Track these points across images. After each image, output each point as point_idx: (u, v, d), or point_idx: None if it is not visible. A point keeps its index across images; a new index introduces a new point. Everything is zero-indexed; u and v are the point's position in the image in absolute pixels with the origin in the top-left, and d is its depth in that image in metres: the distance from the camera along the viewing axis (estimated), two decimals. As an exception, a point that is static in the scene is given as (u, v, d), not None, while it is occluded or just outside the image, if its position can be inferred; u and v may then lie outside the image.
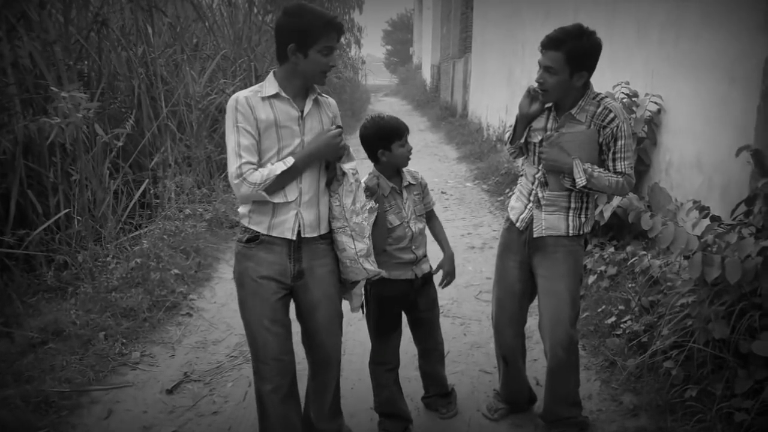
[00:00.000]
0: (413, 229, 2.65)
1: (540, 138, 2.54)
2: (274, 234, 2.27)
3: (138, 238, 4.92)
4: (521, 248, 2.67)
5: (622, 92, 4.56)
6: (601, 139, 2.45)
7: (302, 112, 2.27)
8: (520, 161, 2.77)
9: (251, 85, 2.98)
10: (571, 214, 2.55)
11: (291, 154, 2.23)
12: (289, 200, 2.25)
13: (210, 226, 5.72)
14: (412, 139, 2.72)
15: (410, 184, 2.70)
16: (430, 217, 2.83)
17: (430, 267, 2.79)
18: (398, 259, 2.65)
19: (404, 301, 2.74)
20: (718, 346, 2.66)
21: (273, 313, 2.32)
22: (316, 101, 2.32)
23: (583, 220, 2.57)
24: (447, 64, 18.28)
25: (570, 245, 2.57)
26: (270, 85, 2.25)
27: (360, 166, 2.40)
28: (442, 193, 8.02)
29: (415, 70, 31.09)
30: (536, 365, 3.29)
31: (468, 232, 6.22)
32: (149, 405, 3.10)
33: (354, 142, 2.66)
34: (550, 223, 2.56)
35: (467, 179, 8.95)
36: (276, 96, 2.23)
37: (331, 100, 2.44)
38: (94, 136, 4.88)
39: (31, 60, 4.86)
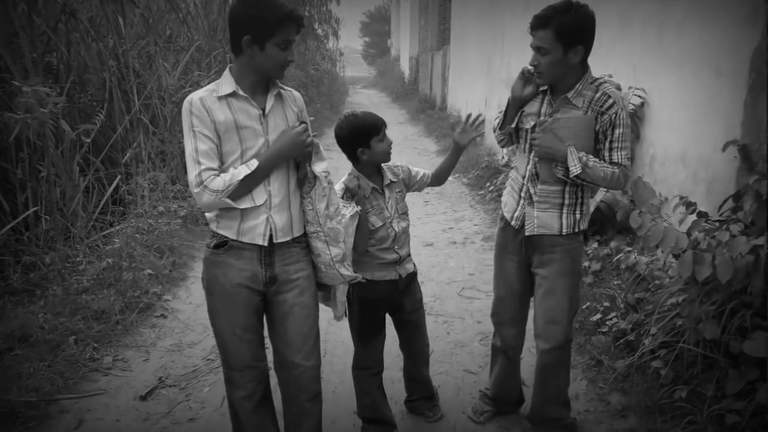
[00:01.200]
0: (396, 229, 2.57)
1: (533, 123, 2.42)
2: (244, 240, 2.14)
3: (110, 236, 4.77)
4: (518, 248, 2.58)
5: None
6: (597, 127, 2.33)
7: (263, 109, 2.14)
8: (504, 151, 2.73)
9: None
10: (564, 211, 2.45)
11: (255, 155, 2.10)
12: (257, 204, 2.12)
13: (185, 223, 5.56)
14: (391, 132, 2.64)
15: (391, 182, 2.60)
16: (436, 178, 2.75)
17: (414, 266, 2.71)
18: (381, 259, 2.57)
19: (389, 302, 2.66)
20: (708, 346, 2.62)
21: (245, 320, 2.22)
22: (278, 96, 2.19)
23: (577, 216, 2.47)
24: (425, 56, 18.20)
25: (567, 243, 2.48)
26: (226, 83, 2.11)
27: (338, 165, 2.31)
28: (423, 187, 7.95)
29: (393, 62, 30.88)
30: (522, 364, 3.22)
31: (449, 227, 6.16)
32: (122, 413, 2.99)
33: (333, 135, 2.56)
34: (542, 221, 2.47)
35: (447, 173, 8.89)
36: (233, 95, 2.09)
37: (296, 94, 2.31)
38: (62, 131, 4.67)
39: (-6, 52, 4.66)
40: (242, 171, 2.05)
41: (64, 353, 3.38)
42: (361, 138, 2.46)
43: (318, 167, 2.18)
